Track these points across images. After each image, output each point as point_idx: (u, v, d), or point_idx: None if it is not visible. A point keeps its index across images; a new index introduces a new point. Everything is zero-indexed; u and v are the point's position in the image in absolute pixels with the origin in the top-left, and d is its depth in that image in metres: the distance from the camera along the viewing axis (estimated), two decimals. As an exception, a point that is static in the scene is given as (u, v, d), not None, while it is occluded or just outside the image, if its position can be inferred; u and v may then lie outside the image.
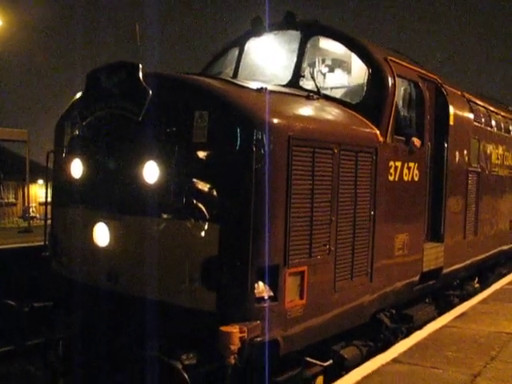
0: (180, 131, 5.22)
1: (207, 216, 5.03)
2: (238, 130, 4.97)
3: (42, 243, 6.64)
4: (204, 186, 5.07)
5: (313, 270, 5.51)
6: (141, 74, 5.30)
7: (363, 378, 5.42)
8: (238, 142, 4.97)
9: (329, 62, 7.87)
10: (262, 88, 5.62)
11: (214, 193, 5.04)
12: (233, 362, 4.68)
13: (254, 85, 5.76)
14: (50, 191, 6.64)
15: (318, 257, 5.58)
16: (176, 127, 5.24)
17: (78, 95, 6.19)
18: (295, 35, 7.32)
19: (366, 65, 6.80)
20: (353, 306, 6.18)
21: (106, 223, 5.62)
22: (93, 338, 5.63)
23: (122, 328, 5.44)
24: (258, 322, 4.95)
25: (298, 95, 6.27)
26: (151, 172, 5.30)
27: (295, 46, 7.27)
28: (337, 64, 7.72)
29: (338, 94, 7.29)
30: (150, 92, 5.25)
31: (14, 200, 42.62)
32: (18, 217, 32.39)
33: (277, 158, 5.06)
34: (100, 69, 5.68)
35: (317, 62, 7.94)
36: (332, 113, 6.27)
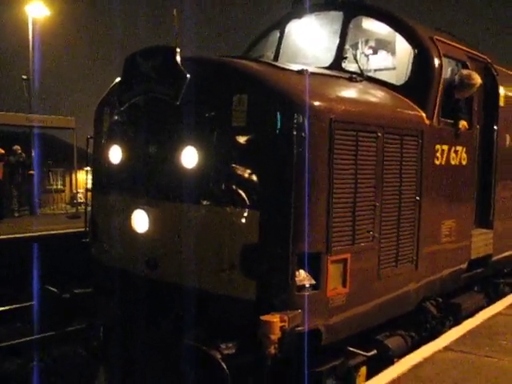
0: (219, 115, 5.10)
1: (247, 202, 4.91)
2: (278, 114, 4.82)
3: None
4: (244, 172, 4.95)
5: (356, 257, 5.33)
6: (178, 58, 5.20)
7: (415, 366, 5.29)
8: (279, 126, 4.82)
9: (372, 43, 7.62)
10: (302, 70, 5.43)
11: (254, 178, 4.91)
12: (273, 352, 4.56)
13: (294, 67, 5.58)
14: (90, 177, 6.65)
15: (362, 244, 5.40)
16: (215, 111, 5.12)
17: (117, 80, 6.13)
18: (337, 16, 7.08)
19: (411, 45, 6.52)
20: (397, 294, 5.98)
21: (144, 209, 5.56)
22: (132, 325, 5.61)
23: (160, 316, 5.40)
24: (300, 310, 4.82)
25: (341, 77, 6.07)
26: (190, 157, 5.20)
27: (337, 27, 7.03)
28: (381, 45, 7.46)
29: (382, 75, 7.03)
30: (188, 76, 5.14)
31: (62, 187, 43.66)
32: (66, 203, 33.12)
33: (318, 142, 4.89)
34: (137, 53, 5.59)
35: (360, 43, 7.70)
36: (376, 95, 6.04)
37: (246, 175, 4.93)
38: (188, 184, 5.24)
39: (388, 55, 7.43)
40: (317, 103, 4.92)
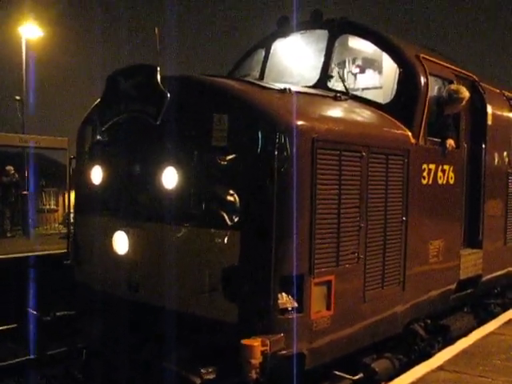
0: (199, 135, 5.03)
1: (228, 223, 4.82)
2: (259, 133, 4.74)
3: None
4: (224, 192, 4.86)
5: (340, 279, 5.23)
6: (159, 77, 5.13)
7: None
8: (259, 146, 4.74)
9: (359, 62, 7.59)
10: (285, 89, 5.39)
11: (235, 199, 4.82)
12: (254, 376, 4.44)
13: (277, 86, 5.52)
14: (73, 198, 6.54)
15: (347, 265, 5.30)
16: (195, 131, 5.05)
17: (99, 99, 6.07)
18: (322, 34, 7.04)
19: (397, 63, 6.48)
20: (384, 316, 5.87)
21: (125, 231, 5.46)
22: (114, 348, 5.48)
23: (142, 339, 5.27)
24: (282, 334, 4.70)
25: (325, 96, 6.01)
26: (170, 178, 5.11)
27: (323, 45, 7.00)
28: (367, 64, 7.43)
29: (369, 94, 6.99)
30: (168, 95, 5.07)
31: (55, 206, 43.35)
32: (59, 223, 32.88)
33: (300, 162, 4.80)
34: (118, 72, 5.53)
35: (346, 62, 7.67)
36: (361, 114, 5.98)
37: (227, 196, 4.84)
38: (168, 205, 5.14)
39: (375, 74, 7.39)
40: (299, 122, 4.85)
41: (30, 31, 26.81)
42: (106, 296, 5.76)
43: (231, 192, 4.82)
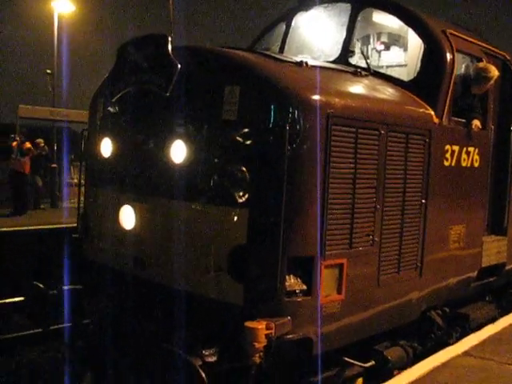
0: (209, 108, 4.81)
1: (237, 200, 4.62)
2: (271, 106, 4.51)
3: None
4: (233, 168, 4.65)
5: (353, 262, 5.01)
6: (170, 47, 4.92)
7: (433, 370, 5.13)
8: (271, 120, 4.51)
9: (383, 39, 7.30)
10: (301, 62, 5.14)
11: (245, 175, 4.61)
12: (258, 361, 4.27)
13: (293, 59, 5.28)
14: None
15: (360, 248, 5.07)
16: (205, 103, 4.84)
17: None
18: (345, 8, 6.73)
19: (421, 38, 6.15)
20: (399, 302, 5.63)
21: (131, 205, 5.30)
22: (119, 326, 5.36)
23: (147, 317, 5.14)
24: (289, 317, 4.51)
25: (344, 71, 5.75)
26: (178, 152, 4.93)
27: (345, 19, 6.70)
28: (392, 40, 7.14)
29: (394, 72, 6.69)
30: (179, 65, 4.87)
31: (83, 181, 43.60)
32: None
33: (314, 138, 4.57)
34: (129, 42, 5.34)
35: (371, 38, 7.38)
36: (380, 91, 5.70)
37: (236, 172, 4.63)
38: (176, 180, 4.96)
39: (400, 51, 7.10)
40: (313, 96, 4.61)
41: (63, 5, 26.89)
42: (113, 271, 5.64)
43: (241, 168, 4.61)
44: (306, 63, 5.17)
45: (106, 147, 5.67)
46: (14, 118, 25.35)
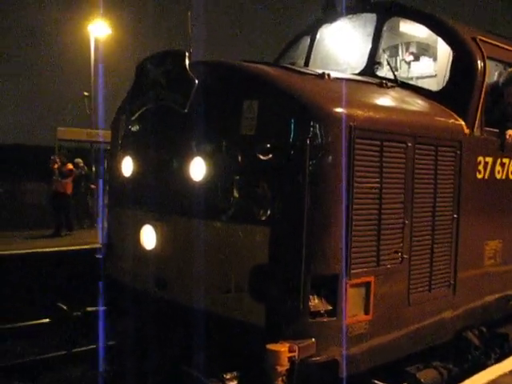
0: (228, 123, 4.70)
1: (257, 218, 4.48)
2: (291, 120, 4.37)
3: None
4: (254, 185, 4.52)
5: (381, 280, 4.79)
6: (187, 62, 4.84)
7: None
8: (291, 134, 4.37)
9: (412, 49, 7.09)
10: (323, 73, 5.00)
11: (265, 192, 4.46)
12: (280, 385, 4.09)
13: (315, 71, 5.14)
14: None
15: (388, 266, 4.85)
16: (224, 119, 4.73)
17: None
18: (370, 18, 6.57)
19: (450, 45, 5.93)
20: (431, 322, 5.37)
21: (152, 224, 5.21)
22: (142, 347, 5.25)
23: (168, 339, 5.01)
24: (313, 339, 4.32)
25: (369, 82, 5.57)
26: (197, 169, 4.82)
27: (371, 29, 6.53)
28: (422, 50, 6.92)
29: (424, 84, 6.47)
30: (196, 81, 4.78)
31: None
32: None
33: (336, 152, 4.40)
34: (147, 59, 5.28)
35: (399, 50, 7.18)
36: (407, 102, 5.50)
37: (256, 189, 4.50)
38: (195, 198, 4.85)
39: (430, 61, 6.88)
40: (335, 109, 4.45)
41: (99, 29, 27.39)
42: (135, 292, 5.54)
43: (261, 185, 4.48)
44: (329, 75, 5.02)
45: (127, 166, 5.62)
46: (52, 139, 25.87)
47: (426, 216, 5.21)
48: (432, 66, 6.88)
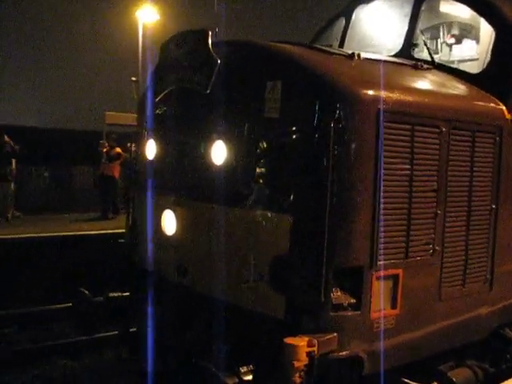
0: (251, 105, 4.49)
1: (279, 205, 4.27)
2: (316, 102, 4.13)
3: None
4: (276, 171, 4.31)
5: (410, 273, 4.52)
6: (210, 42, 4.65)
7: None
8: (315, 117, 4.13)
9: (454, 31, 6.71)
10: (353, 54, 4.73)
11: (287, 179, 4.25)
12: (298, 381, 3.88)
13: (345, 51, 4.87)
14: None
15: (418, 258, 4.58)
16: (246, 101, 4.52)
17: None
18: None
19: (491, 24, 5.55)
20: (465, 318, 5.08)
21: (172, 209, 5.06)
22: (161, 335, 5.13)
23: (186, 328, 4.88)
24: (335, 334, 4.10)
25: (402, 64, 5.27)
26: (219, 153, 4.64)
27: (408, 10, 6.19)
28: (463, 31, 6.55)
29: (466, 67, 6.11)
30: (218, 61, 4.58)
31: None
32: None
33: (363, 136, 4.14)
34: (170, 39, 5.11)
35: (440, 31, 6.82)
36: (443, 84, 5.18)
37: (278, 175, 4.29)
38: (216, 183, 4.67)
39: (472, 43, 6.48)
40: (362, 90, 4.18)
41: (147, 15, 27.49)
42: (157, 278, 5.42)
43: (283, 171, 4.27)
44: (359, 55, 4.75)
45: (151, 149, 5.48)
46: (100, 124, 26.19)
47: (462, 206, 4.90)
48: (475, 48, 6.49)
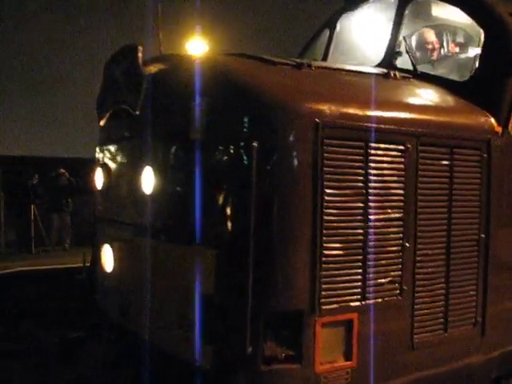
0: (176, 127, 3.96)
1: (204, 238, 3.69)
2: (241, 118, 3.55)
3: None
4: (200, 198, 3.74)
5: (369, 318, 3.81)
6: (140, 58, 4.16)
7: None
8: (242, 135, 3.54)
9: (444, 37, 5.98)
10: (301, 63, 4.13)
11: (213, 207, 3.67)
12: None
13: (295, 61, 4.27)
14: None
15: (379, 300, 3.86)
16: (172, 122, 4.00)
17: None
18: (391, 3, 5.58)
19: (479, 24, 4.81)
20: (450, 369, 4.28)
21: (110, 244, 4.57)
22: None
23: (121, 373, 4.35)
24: (267, 392, 3.46)
25: (371, 74, 4.61)
26: (148, 180, 4.11)
27: (391, 15, 5.54)
28: (455, 36, 5.80)
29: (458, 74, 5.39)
30: (147, 78, 4.09)
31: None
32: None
33: (297, 156, 3.52)
34: (110, 58, 4.66)
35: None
36: (418, 95, 4.50)
37: (203, 203, 3.71)
38: (146, 214, 4.14)
39: (463, 49, 5.74)
40: (294, 101, 3.57)
41: (197, 46, 27.78)
42: (107, 318, 4.94)
43: (208, 198, 3.69)
44: (309, 65, 4.15)
45: (98, 178, 5.03)
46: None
47: (438, 237, 4.15)
48: (464, 54, 5.76)
